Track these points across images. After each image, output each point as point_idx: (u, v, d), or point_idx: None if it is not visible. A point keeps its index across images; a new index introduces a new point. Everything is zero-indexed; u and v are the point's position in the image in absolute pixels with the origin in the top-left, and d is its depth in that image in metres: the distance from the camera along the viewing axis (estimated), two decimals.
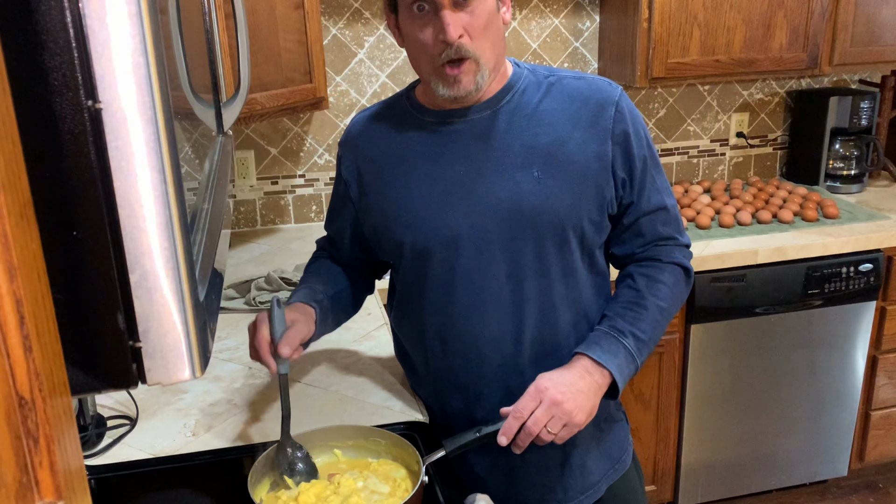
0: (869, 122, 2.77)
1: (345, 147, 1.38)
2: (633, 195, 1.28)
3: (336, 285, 1.42)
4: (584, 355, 1.22)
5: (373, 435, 1.25)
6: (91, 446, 1.35)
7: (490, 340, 1.29)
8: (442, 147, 1.26)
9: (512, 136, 1.24)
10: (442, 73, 1.19)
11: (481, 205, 1.24)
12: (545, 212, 1.23)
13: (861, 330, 2.50)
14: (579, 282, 1.30)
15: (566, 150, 1.23)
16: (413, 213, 1.27)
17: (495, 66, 1.22)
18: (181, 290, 0.57)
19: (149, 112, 0.53)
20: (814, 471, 2.67)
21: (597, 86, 1.27)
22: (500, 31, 1.21)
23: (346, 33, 2.48)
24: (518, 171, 1.23)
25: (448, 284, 1.28)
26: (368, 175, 1.33)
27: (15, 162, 0.44)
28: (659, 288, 1.29)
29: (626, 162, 1.26)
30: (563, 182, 1.23)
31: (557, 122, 1.24)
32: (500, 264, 1.25)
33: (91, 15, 0.51)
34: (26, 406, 0.44)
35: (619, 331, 1.25)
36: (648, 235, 1.31)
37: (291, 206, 2.63)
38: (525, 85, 1.27)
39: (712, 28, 2.40)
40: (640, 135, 1.27)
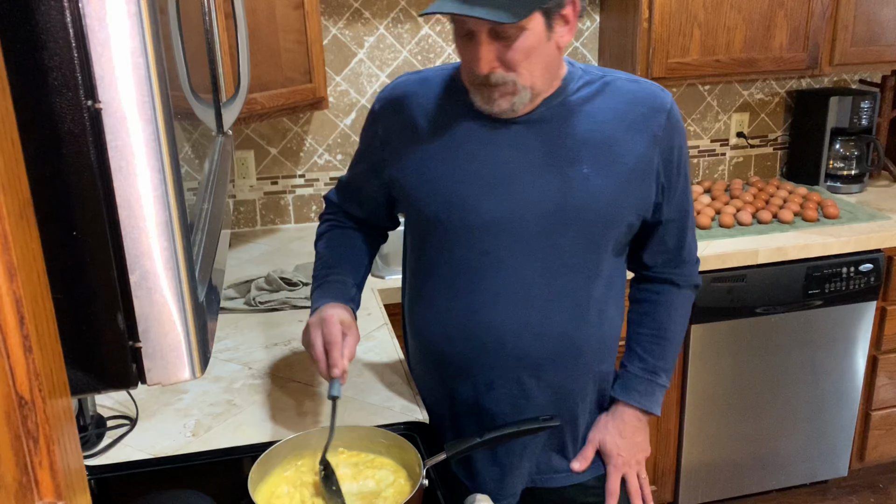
0: (869, 122, 2.77)
1: (387, 105, 1.34)
2: (667, 203, 1.30)
3: (360, 267, 1.41)
4: (628, 405, 1.38)
5: (375, 436, 1.25)
6: (91, 446, 1.35)
7: (511, 331, 1.27)
8: (492, 130, 1.24)
9: (564, 131, 1.23)
10: (480, 89, 1.19)
11: (526, 194, 1.23)
12: (590, 209, 1.23)
13: (861, 330, 2.50)
14: (605, 283, 1.30)
15: (615, 151, 1.23)
16: (453, 191, 1.25)
17: (543, 87, 1.20)
18: (181, 290, 0.57)
19: (149, 112, 0.53)
20: (814, 471, 2.67)
21: (650, 90, 1.27)
22: (549, 57, 1.17)
23: (346, 33, 2.48)
24: (567, 166, 1.22)
25: (478, 269, 1.27)
26: (409, 141, 1.30)
27: (15, 162, 0.44)
28: (678, 315, 1.39)
29: (667, 169, 1.27)
30: (611, 181, 1.23)
31: (609, 121, 1.24)
32: (536, 257, 1.25)
33: (91, 15, 0.51)
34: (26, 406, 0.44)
35: (652, 371, 1.37)
36: (671, 244, 1.35)
37: (291, 206, 2.63)
38: (580, 84, 1.26)
39: (712, 28, 2.40)
40: (682, 145, 1.29)
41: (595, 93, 1.25)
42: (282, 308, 1.95)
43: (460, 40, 1.17)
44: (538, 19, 1.12)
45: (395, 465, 1.22)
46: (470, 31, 1.14)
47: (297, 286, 2.01)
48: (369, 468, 1.21)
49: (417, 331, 1.41)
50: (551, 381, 1.31)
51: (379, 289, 2.08)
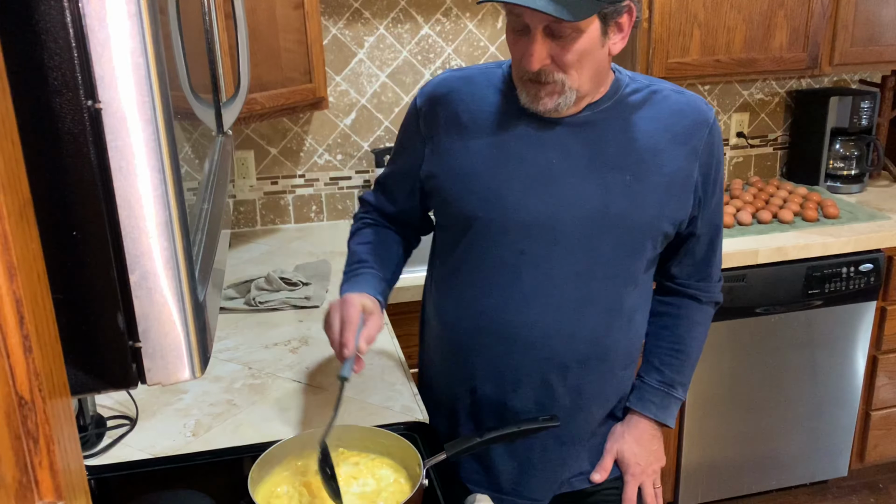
0: (869, 122, 2.77)
1: (429, 100, 1.33)
2: (701, 216, 1.31)
3: (391, 263, 1.40)
4: (643, 416, 1.38)
5: (376, 436, 1.25)
6: (91, 446, 1.35)
7: (542, 333, 1.27)
8: (536, 131, 1.24)
9: (609, 138, 1.24)
10: (527, 85, 1.19)
11: (566, 197, 1.23)
12: (629, 217, 1.24)
13: (861, 330, 2.50)
14: (638, 291, 1.32)
15: (657, 160, 1.24)
16: (493, 189, 1.25)
17: (589, 91, 1.21)
18: (181, 290, 0.57)
19: (149, 112, 0.53)
20: (814, 471, 2.67)
21: (695, 104, 1.28)
22: (600, 63, 1.18)
23: (346, 33, 2.48)
24: (609, 172, 1.23)
25: (513, 268, 1.26)
26: (451, 137, 1.29)
27: (15, 162, 0.44)
28: (698, 330, 1.41)
29: (705, 183, 1.28)
30: (652, 191, 1.24)
31: (654, 131, 1.24)
32: (572, 260, 1.25)
33: (91, 15, 0.51)
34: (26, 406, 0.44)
35: (668, 384, 1.39)
36: (699, 257, 1.37)
37: (291, 206, 2.63)
38: (627, 91, 1.26)
39: (712, 28, 2.40)
40: (720, 159, 1.31)
41: (642, 101, 1.26)
42: (282, 308, 1.95)
43: (514, 34, 1.17)
44: (595, 23, 1.13)
45: (395, 465, 1.22)
46: (526, 26, 1.14)
47: (297, 286, 2.01)
48: (369, 468, 1.21)
49: (445, 327, 1.38)
50: (576, 384, 1.32)
51: None
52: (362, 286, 1.29)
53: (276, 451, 1.20)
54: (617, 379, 1.37)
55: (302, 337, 1.79)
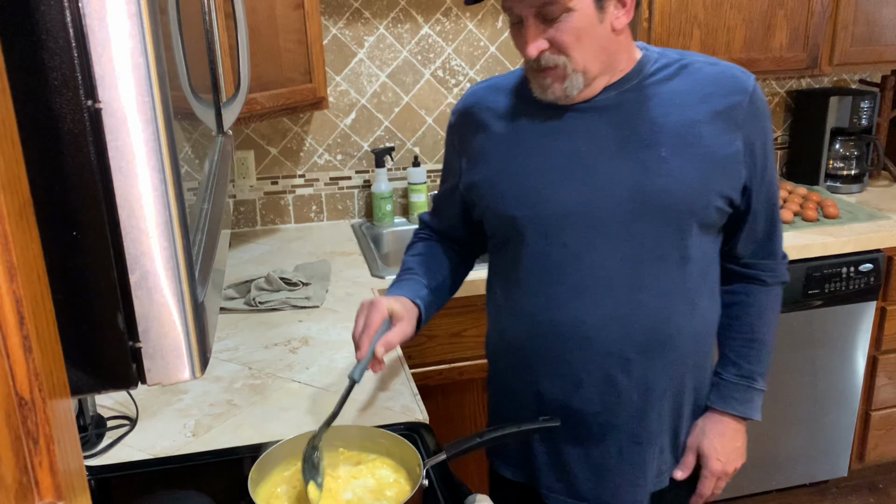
0: (869, 122, 2.77)
1: (460, 116, 1.35)
2: (755, 190, 1.25)
3: (438, 275, 1.40)
4: (727, 414, 1.35)
5: (376, 436, 1.25)
6: (91, 446, 1.35)
7: (597, 325, 1.24)
8: (563, 123, 1.23)
9: (638, 116, 1.20)
10: (534, 76, 1.19)
11: (601, 183, 1.20)
12: (670, 193, 1.19)
13: (861, 330, 2.50)
14: (696, 272, 1.25)
15: (696, 132, 1.19)
16: (526, 186, 1.24)
17: (600, 71, 1.18)
18: (181, 290, 0.57)
19: (149, 112, 0.53)
20: (814, 471, 2.67)
21: (731, 72, 1.23)
22: (602, 40, 1.15)
23: (346, 33, 2.48)
24: (643, 150, 1.19)
25: (557, 264, 1.24)
26: (482, 145, 1.30)
27: (15, 162, 0.44)
28: (769, 316, 1.36)
29: (752, 153, 1.23)
30: (692, 164, 1.19)
31: (687, 103, 1.20)
32: (616, 246, 1.21)
33: (91, 15, 0.51)
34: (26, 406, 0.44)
35: (748, 377, 1.34)
36: (760, 233, 1.31)
37: (291, 206, 2.63)
38: (655, 67, 1.23)
39: (712, 28, 2.40)
40: (766, 129, 1.25)
41: (671, 75, 1.22)
42: (282, 308, 1.95)
43: (513, 28, 1.18)
44: (586, 0, 1.11)
45: (396, 465, 1.22)
46: (519, 17, 1.14)
47: (297, 286, 2.01)
48: (369, 468, 1.21)
49: (502, 333, 1.38)
50: (642, 377, 1.26)
51: (379, 289, 2.08)
52: (402, 290, 1.31)
53: (276, 451, 1.20)
54: (688, 369, 1.30)
55: (302, 337, 1.79)
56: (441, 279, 1.40)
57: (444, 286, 1.41)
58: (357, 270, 2.20)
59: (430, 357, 2.16)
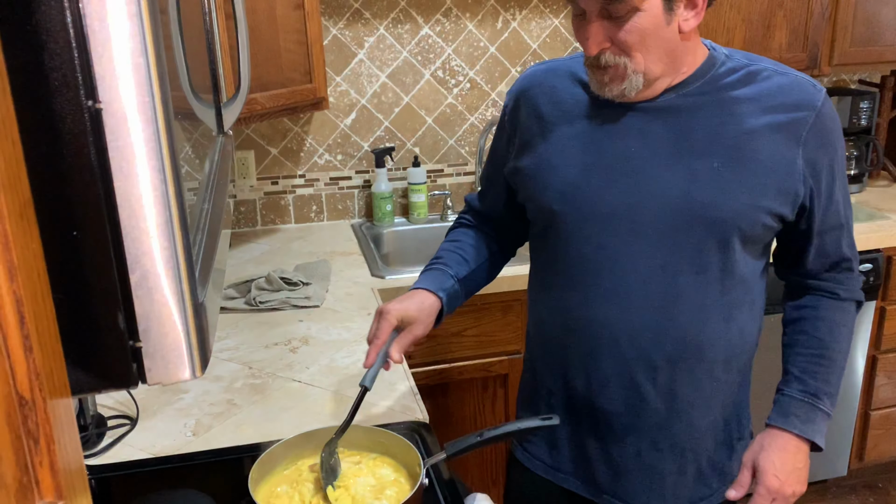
0: (869, 123, 2.77)
1: (515, 97, 1.32)
2: (820, 209, 1.20)
3: (474, 261, 1.38)
4: (788, 431, 1.24)
5: (376, 435, 1.25)
6: (91, 446, 1.35)
7: (629, 331, 1.21)
8: (618, 119, 1.19)
9: (695, 121, 1.16)
10: (593, 71, 1.15)
11: (648, 187, 1.17)
12: (718, 207, 1.15)
13: (861, 330, 2.50)
14: (736, 285, 1.22)
15: (753, 146, 1.14)
16: (570, 182, 1.21)
17: (662, 73, 1.14)
18: (181, 290, 0.57)
19: (149, 112, 0.53)
20: (813, 471, 2.65)
21: (799, 85, 1.18)
22: (668, 42, 1.11)
23: (346, 33, 2.48)
24: (696, 158, 1.15)
25: (594, 264, 1.22)
26: (533, 130, 1.27)
27: (15, 162, 0.44)
28: (841, 333, 1.26)
29: (815, 172, 1.17)
30: (744, 178, 1.14)
31: (749, 113, 1.15)
32: (656, 253, 1.18)
33: (91, 15, 0.51)
34: (26, 406, 0.44)
35: (813, 395, 1.24)
36: (833, 255, 1.26)
37: (291, 206, 2.63)
38: (721, 71, 1.18)
39: (712, 28, 2.40)
40: (835, 145, 1.20)
41: (737, 82, 1.17)
42: (282, 308, 1.95)
43: (575, 20, 1.14)
44: (655, 0, 1.07)
45: (396, 465, 1.22)
46: (583, 11, 1.11)
47: (298, 286, 2.01)
48: (370, 468, 1.22)
49: (539, 323, 1.37)
50: (668, 386, 1.24)
51: (379, 289, 2.08)
52: (427, 282, 1.31)
53: (276, 451, 1.20)
54: (718, 383, 1.26)
55: (302, 337, 1.79)
56: (474, 267, 1.38)
57: (478, 275, 1.39)
58: (357, 270, 2.20)
59: (430, 357, 2.17)
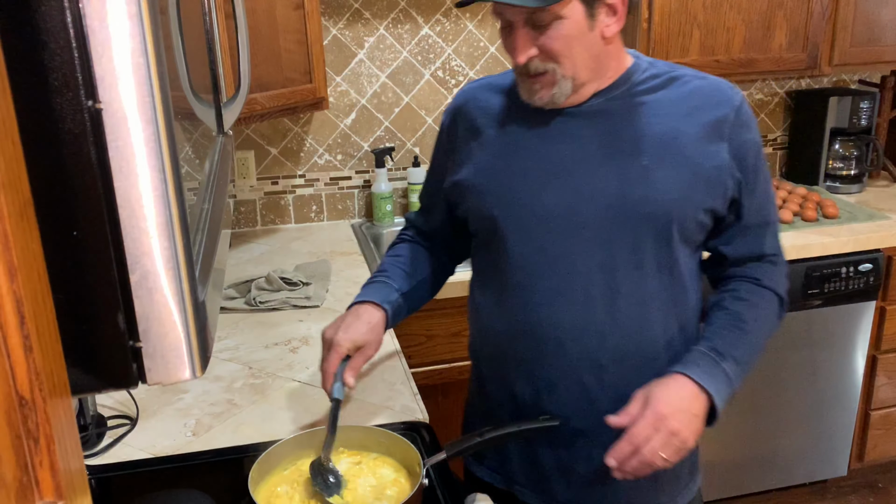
0: (869, 123, 2.77)
1: (451, 113, 1.36)
2: (747, 203, 1.25)
3: (416, 276, 1.39)
4: (685, 375, 1.17)
5: (376, 435, 1.25)
6: (91, 446, 1.35)
7: (572, 331, 1.23)
8: (550, 127, 1.23)
9: (623, 124, 1.21)
10: (523, 80, 1.19)
11: (582, 189, 1.20)
12: (651, 202, 1.19)
13: (861, 330, 2.50)
14: (675, 281, 1.25)
15: (679, 143, 1.19)
16: (508, 187, 1.24)
17: (589, 78, 1.19)
18: (181, 290, 0.57)
19: (149, 112, 0.53)
20: (814, 471, 2.67)
21: (719, 87, 1.23)
22: (593, 48, 1.15)
23: (346, 33, 2.48)
24: (626, 158, 1.19)
25: (535, 266, 1.24)
26: (470, 144, 1.30)
27: (15, 162, 0.45)
28: (758, 314, 1.28)
29: (742, 167, 1.22)
30: (674, 174, 1.19)
31: (673, 114, 1.20)
32: (594, 252, 1.21)
33: (91, 15, 0.51)
34: (26, 406, 0.44)
35: (718, 352, 1.20)
36: (756, 249, 1.30)
37: (291, 206, 2.63)
38: (644, 76, 1.23)
39: (712, 28, 2.40)
40: (756, 143, 1.24)
41: (660, 86, 1.22)
42: (282, 308, 1.95)
43: (502, 32, 1.18)
44: (576, 7, 1.11)
45: (396, 465, 1.22)
46: (509, 22, 1.14)
47: (297, 286, 2.01)
48: (370, 467, 1.22)
49: (482, 333, 1.38)
50: (615, 385, 1.25)
51: None
52: (372, 294, 1.32)
53: (277, 451, 1.20)
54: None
55: (302, 337, 1.79)
56: (417, 283, 1.39)
57: (420, 291, 1.41)
58: (357, 270, 2.20)
59: (430, 357, 2.17)
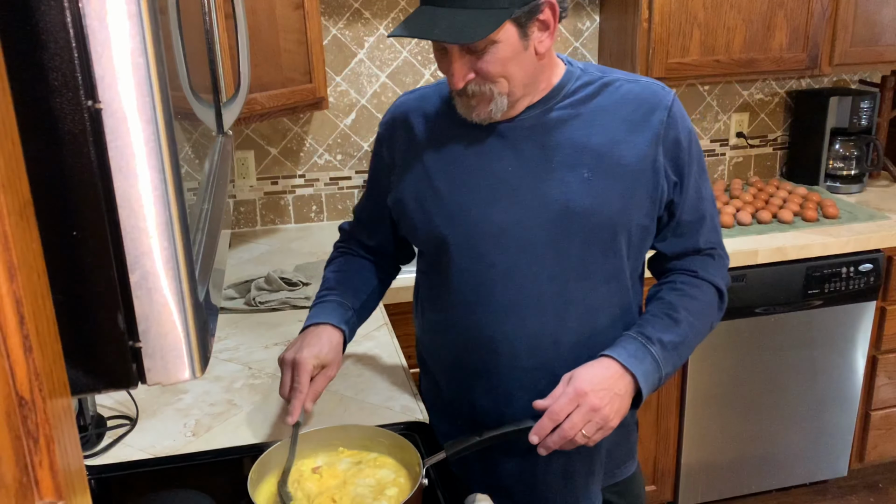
0: (869, 122, 2.77)
1: (388, 128, 1.34)
2: (680, 201, 1.26)
3: (365, 290, 1.40)
4: (612, 358, 1.18)
5: (376, 435, 1.25)
6: (91, 446, 1.35)
7: (526, 342, 1.26)
8: (490, 142, 1.24)
9: (562, 136, 1.22)
10: (459, 98, 1.19)
11: (527, 203, 1.22)
12: (594, 213, 1.21)
13: (861, 330, 2.50)
14: (621, 287, 1.28)
15: (617, 152, 1.21)
16: (456, 206, 1.25)
17: (522, 94, 1.19)
18: (181, 290, 0.57)
19: (149, 112, 0.53)
20: (814, 471, 2.67)
21: (650, 89, 1.25)
22: (528, 65, 1.16)
23: (346, 33, 2.48)
24: (567, 170, 1.21)
25: (487, 281, 1.25)
26: (412, 160, 1.30)
27: (15, 162, 0.44)
28: (692, 304, 1.27)
29: (675, 167, 1.24)
30: (614, 183, 1.21)
31: (609, 123, 1.22)
32: (543, 264, 1.23)
33: (91, 15, 0.51)
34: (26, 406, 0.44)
35: (646, 337, 1.22)
36: (690, 243, 1.30)
37: (291, 206, 2.63)
38: (577, 85, 1.24)
39: (712, 28, 2.40)
40: (690, 141, 1.26)
41: (593, 94, 1.24)
42: (282, 308, 1.95)
43: (437, 53, 1.18)
44: (510, 30, 1.11)
45: (396, 465, 1.22)
46: (442, 47, 1.15)
47: (297, 286, 2.01)
48: (370, 467, 1.22)
49: (436, 347, 1.40)
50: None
51: None
52: (328, 315, 1.32)
53: (277, 452, 1.20)
54: None
55: None
56: (364, 297, 1.41)
57: (370, 304, 1.42)
58: None
59: None
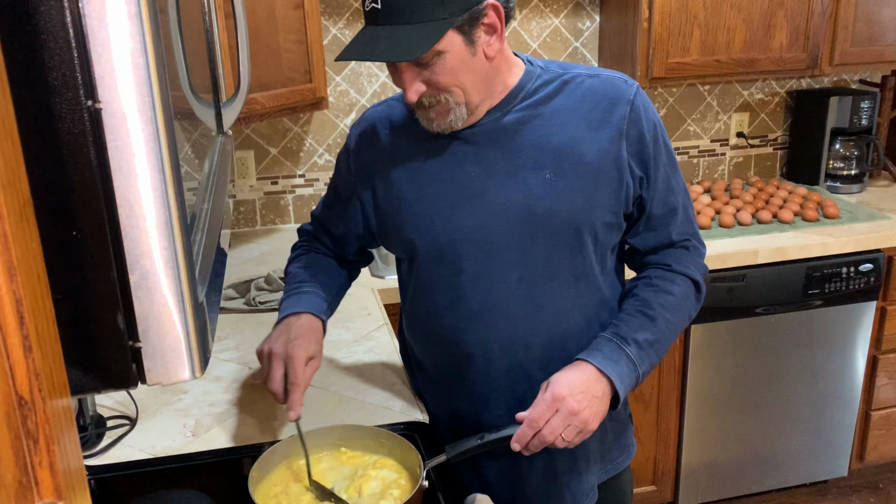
0: (869, 122, 2.77)
1: (356, 139, 1.35)
2: (649, 196, 1.25)
3: (334, 285, 1.41)
4: (588, 362, 1.18)
5: (377, 436, 1.25)
6: (91, 446, 1.35)
7: (499, 345, 1.27)
8: (452, 150, 1.24)
9: (523, 138, 1.21)
10: (418, 110, 1.19)
11: (491, 207, 1.22)
12: (558, 214, 1.20)
13: (861, 330, 2.50)
14: (591, 285, 1.27)
15: (579, 151, 1.20)
16: (421, 213, 1.25)
17: (480, 99, 1.18)
18: (181, 290, 0.57)
19: (149, 112, 0.53)
20: (814, 471, 2.67)
21: (611, 83, 1.23)
22: (480, 70, 1.15)
23: (346, 33, 2.48)
24: (529, 172, 1.20)
25: (456, 287, 1.26)
26: (380, 170, 1.30)
27: (15, 162, 0.44)
28: (667, 299, 1.25)
29: (641, 162, 1.23)
30: (577, 183, 1.20)
31: (570, 121, 1.21)
32: (511, 268, 1.23)
33: (91, 15, 0.51)
34: (26, 406, 0.44)
35: (622, 338, 1.21)
36: (663, 237, 1.29)
37: (291, 206, 2.63)
38: (537, 84, 1.23)
39: (712, 28, 2.40)
40: (655, 133, 1.24)
41: (553, 93, 1.22)
42: None
43: (390, 69, 1.18)
44: (454, 39, 1.10)
45: (398, 466, 1.22)
46: (393, 63, 1.15)
47: None
48: (371, 468, 1.21)
49: (417, 354, 1.42)
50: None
51: (379, 289, 2.08)
52: (307, 304, 1.31)
53: (276, 451, 1.20)
54: None
55: None
56: (334, 293, 1.41)
57: (337, 300, 1.43)
58: None
59: None
